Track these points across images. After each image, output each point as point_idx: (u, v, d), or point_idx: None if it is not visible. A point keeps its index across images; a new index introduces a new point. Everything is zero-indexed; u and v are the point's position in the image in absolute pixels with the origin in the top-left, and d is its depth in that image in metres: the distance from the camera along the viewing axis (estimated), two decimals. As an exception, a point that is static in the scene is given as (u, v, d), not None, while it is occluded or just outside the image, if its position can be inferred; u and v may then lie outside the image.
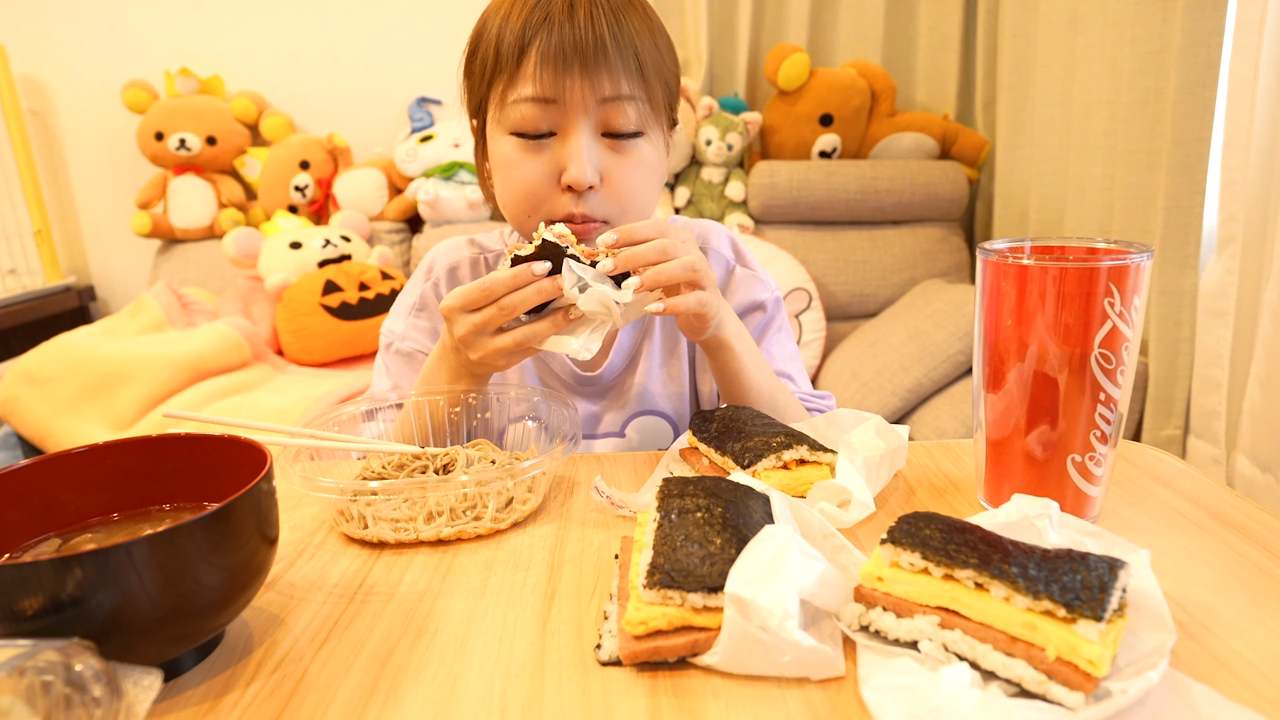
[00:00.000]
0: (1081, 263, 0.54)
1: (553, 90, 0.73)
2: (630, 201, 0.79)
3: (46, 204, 2.56)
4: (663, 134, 0.81)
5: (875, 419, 0.68)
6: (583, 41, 0.72)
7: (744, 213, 2.36)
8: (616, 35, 0.73)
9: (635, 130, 0.77)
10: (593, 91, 0.73)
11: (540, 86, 0.73)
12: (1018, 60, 2.18)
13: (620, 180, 0.77)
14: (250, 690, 0.44)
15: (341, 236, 2.30)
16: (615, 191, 0.77)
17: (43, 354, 1.87)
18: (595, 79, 0.73)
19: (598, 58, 0.73)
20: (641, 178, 0.79)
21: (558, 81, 0.73)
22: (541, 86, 0.73)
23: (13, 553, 0.49)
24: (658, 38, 0.78)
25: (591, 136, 0.76)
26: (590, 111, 0.74)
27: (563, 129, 0.75)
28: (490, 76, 0.77)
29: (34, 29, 2.47)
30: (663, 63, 0.78)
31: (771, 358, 0.91)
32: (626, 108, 0.75)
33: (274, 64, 2.53)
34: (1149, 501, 0.63)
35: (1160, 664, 0.40)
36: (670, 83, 0.80)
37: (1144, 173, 1.70)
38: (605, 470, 0.74)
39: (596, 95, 0.74)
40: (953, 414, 1.87)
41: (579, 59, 0.72)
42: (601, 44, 0.73)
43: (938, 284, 2.21)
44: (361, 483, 0.59)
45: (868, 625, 0.45)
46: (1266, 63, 1.45)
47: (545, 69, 0.73)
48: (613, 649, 0.45)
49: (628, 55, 0.74)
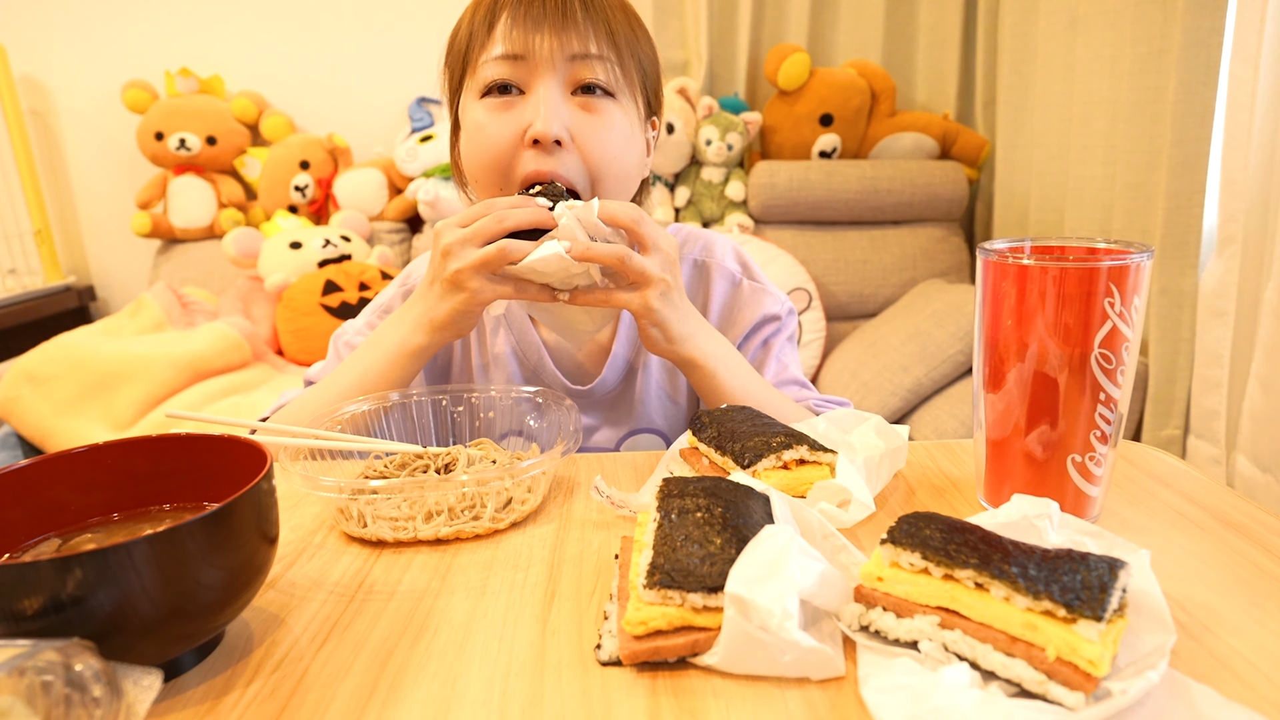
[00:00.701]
0: (1081, 263, 0.54)
1: (521, 47, 0.74)
2: (602, 164, 0.77)
3: (46, 204, 2.56)
4: (636, 108, 0.80)
5: (875, 419, 0.68)
6: (553, 4, 0.74)
7: (744, 213, 2.36)
8: (588, 4, 0.75)
9: (604, 88, 0.77)
10: (561, 48, 0.74)
11: (509, 44, 0.74)
12: (1018, 60, 2.18)
13: (590, 139, 0.76)
14: (250, 690, 0.44)
15: (341, 236, 2.30)
16: (585, 151, 0.76)
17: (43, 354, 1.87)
18: (564, 36, 0.74)
19: (566, 18, 0.74)
20: (613, 139, 0.78)
21: (527, 38, 0.74)
22: (510, 44, 0.74)
23: (13, 553, 0.49)
24: (635, 27, 0.79)
25: (559, 92, 0.76)
26: (558, 67, 0.75)
27: (531, 86, 0.76)
28: (464, 51, 0.78)
29: (34, 29, 2.47)
30: (638, 45, 0.79)
31: (784, 366, 0.90)
32: (595, 65, 0.76)
33: (274, 64, 2.53)
34: (1149, 501, 0.63)
35: (1160, 664, 0.40)
36: (645, 66, 0.81)
37: (1144, 173, 1.70)
38: (605, 470, 0.74)
39: (565, 52, 0.74)
40: (953, 414, 1.88)
41: (548, 19, 0.74)
42: (570, 8, 0.74)
43: (938, 284, 2.21)
44: (361, 481, 0.59)
45: (868, 625, 0.45)
46: (1266, 63, 1.45)
47: (515, 28, 0.74)
48: (613, 649, 0.45)
49: (598, 21, 0.75)
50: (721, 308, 0.92)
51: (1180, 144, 1.60)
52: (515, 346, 0.91)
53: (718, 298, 0.92)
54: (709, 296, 0.92)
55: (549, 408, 0.74)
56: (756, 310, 0.91)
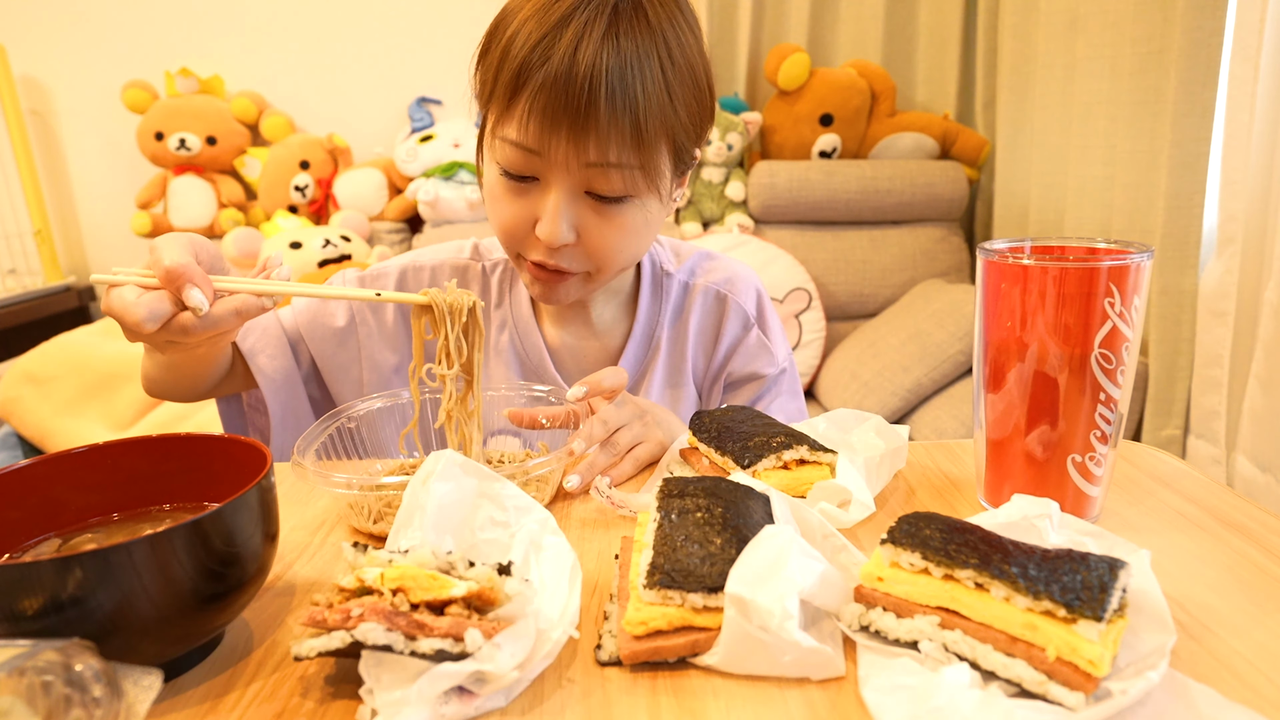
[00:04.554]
0: (1081, 263, 0.54)
1: (537, 144, 0.70)
2: (606, 260, 0.77)
3: (46, 204, 2.56)
4: (658, 196, 0.76)
5: (875, 419, 0.68)
6: (576, 97, 0.67)
7: (744, 213, 2.36)
8: (615, 93, 0.67)
9: (620, 196, 0.73)
10: (577, 155, 0.70)
11: (526, 136, 0.70)
12: (1018, 60, 2.18)
13: (597, 239, 0.75)
14: (250, 690, 0.44)
15: (341, 236, 2.30)
16: (591, 249, 0.76)
17: (43, 354, 1.87)
18: (581, 142, 0.69)
19: (588, 120, 0.68)
20: (621, 239, 0.76)
21: (543, 137, 0.69)
22: (527, 137, 0.70)
23: (13, 553, 0.49)
24: (676, 87, 0.71)
25: (571, 195, 0.73)
26: (573, 171, 0.71)
27: (545, 179, 0.73)
28: (489, 95, 0.73)
29: (34, 29, 2.47)
30: (675, 120, 0.72)
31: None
32: (612, 175, 0.71)
33: (274, 64, 2.53)
34: (1149, 501, 0.63)
35: (1160, 664, 0.40)
36: (683, 139, 0.75)
37: (1144, 173, 1.70)
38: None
39: (581, 159, 0.70)
40: (953, 414, 1.88)
41: (568, 118, 0.68)
42: (594, 104, 0.67)
43: (938, 284, 2.21)
44: (369, 478, 0.59)
45: (868, 625, 0.45)
46: (1266, 63, 1.45)
47: (533, 119, 0.69)
48: (613, 649, 0.45)
49: (623, 120, 0.68)
50: (729, 345, 0.94)
51: (1180, 144, 1.60)
52: (519, 345, 0.91)
53: (728, 334, 0.94)
54: (721, 330, 0.94)
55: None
56: (750, 363, 0.94)
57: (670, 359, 0.93)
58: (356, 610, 0.40)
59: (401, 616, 0.40)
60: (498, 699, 0.42)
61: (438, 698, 0.40)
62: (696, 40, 0.75)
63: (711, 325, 0.94)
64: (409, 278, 0.92)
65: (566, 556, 0.50)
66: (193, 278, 0.58)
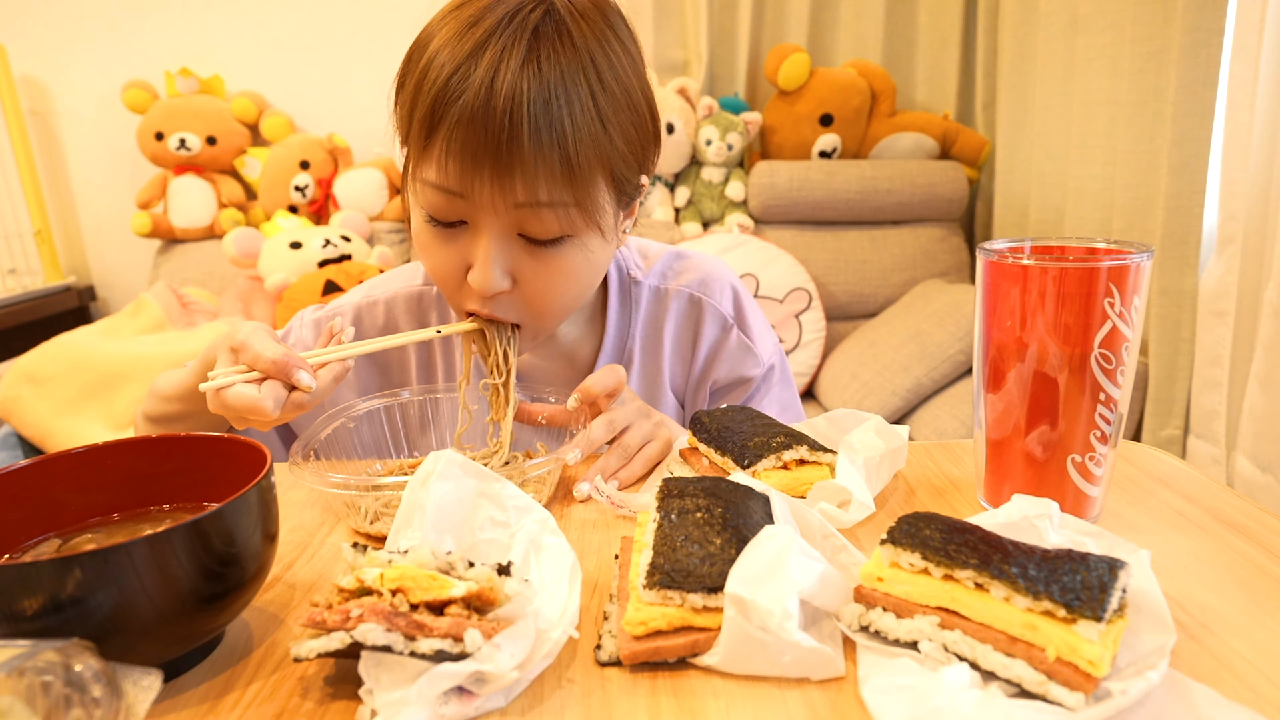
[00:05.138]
0: (1081, 263, 0.54)
1: (459, 185, 0.64)
2: (545, 306, 0.71)
3: (46, 204, 2.56)
4: (600, 233, 0.69)
5: (875, 419, 0.68)
6: (496, 132, 0.60)
7: (744, 213, 2.36)
8: (540, 125, 0.61)
9: (556, 236, 0.67)
10: (503, 196, 0.63)
11: (447, 178, 0.64)
12: (1018, 60, 2.18)
13: (534, 285, 0.69)
14: (250, 690, 0.44)
15: (342, 236, 2.30)
16: (529, 295, 0.70)
17: (43, 354, 1.87)
18: (506, 182, 0.62)
19: (511, 156, 0.61)
20: (561, 283, 0.70)
21: (465, 178, 0.63)
22: (448, 178, 0.64)
23: (13, 553, 0.49)
24: (610, 113, 0.65)
25: (502, 239, 0.67)
26: (501, 214, 0.65)
27: (474, 223, 0.67)
28: (406, 133, 0.67)
29: (34, 29, 2.47)
30: (610, 149, 0.65)
31: None
32: (545, 215, 0.65)
33: (274, 64, 2.53)
34: (1149, 501, 0.63)
35: (1160, 664, 0.40)
36: (623, 169, 0.68)
37: (1144, 173, 1.70)
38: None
39: (508, 200, 0.64)
40: (953, 414, 1.88)
41: (490, 156, 0.61)
42: (516, 139, 0.60)
43: (938, 284, 2.21)
44: (368, 478, 0.60)
45: (868, 625, 0.45)
46: (1266, 63, 1.45)
47: (452, 159, 0.62)
48: (613, 649, 0.45)
49: (551, 154, 0.62)
50: (708, 350, 0.90)
51: (1180, 144, 1.60)
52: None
53: (706, 339, 0.89)
54: (698, 335, 0.89)
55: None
56: (735, 368, 0.90)
57: (645, 371, 0.89)
58: (356, 611, 0.40)
59: (401, 617, 0.40)
60: (497, 699, 0.42)
61: (437, 698, 0.40)
62: (633, 59, 0.68)
63: (688, 332, 0.89)
64: (364, 314, 0.87)
65: (566, 556, 0.50)
66: (298, 363, 0.62)
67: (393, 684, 0.40)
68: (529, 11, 0.62)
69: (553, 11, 0.63)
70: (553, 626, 0.45)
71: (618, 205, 0.71)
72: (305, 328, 0.87)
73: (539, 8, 0.63)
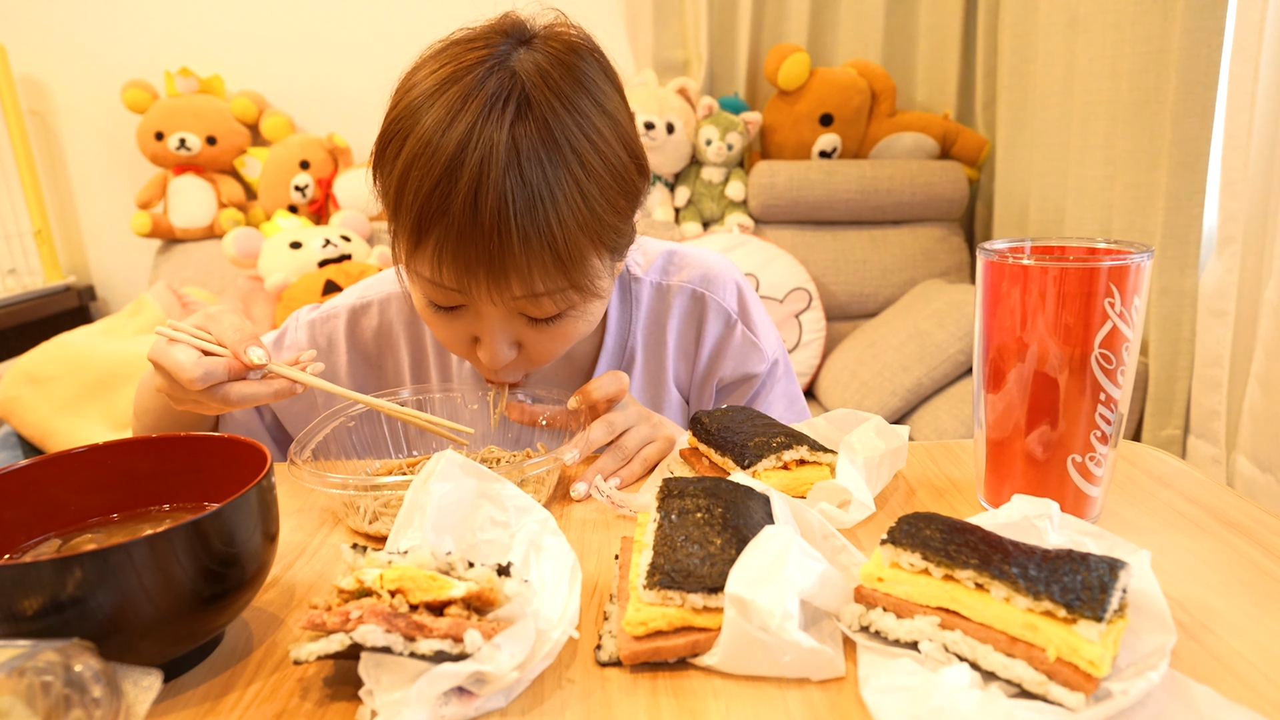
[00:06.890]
0: (1081, 263, 0.54)
1: (456, 284, 0.64)
2: (551, 358, 0.74)
3: (46, 204, 2.56)
4: (598, 296, 0.71)
5: (875, 419, 0.68)
6: (486, 243, 0.61)
7: (744, 213, 2.36)
8: (528, 231, 0.61)
9: (556, 315, 0.69)
10: (500, 293, 0.64)
11: (442, 278, 0.64)
12: (1018, 60, 2.18)
13: (539, 349, 0.72)
14: (250, 690, 0.44)
15: (342, 236, 2.30)
16: (534, 357, 0.73)
17: (43, 354, 1.87)
18: (501, 282, 0.63)
19: (505, 262, 0.62)
20: (565, 343, 0.73)
21: (461, 279, 0.64)
22: (443, 278, 0.64)
23: (13, 553, 0.49)
24: (596, 196, 0.64)
25: (505, 320, 0.69)
26: (500, 304, 0.66)
27: (474, 307, 0.69)
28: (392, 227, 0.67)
29: (34, 29, 2.47)
30: (600, 228, 0.65)
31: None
32: (543, 301, 0.66)
33: (274, 64, 2.53)
34: (1149, 502, 0.63)
35: (1161, 664, 0.40)
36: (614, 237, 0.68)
37: (1144, 173, 1.70)
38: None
39: (505, 295, 0.65)
40: (953, 414, 1.88)
41: (483, 264, 0.62)
42: (506, 247, 0.61)
43: (938, 284, 2.21)
44: (367, 478, 0.60)
45: (868, 626, 0.45)
46: (1266, 63, 1.45)
47: (445, 265, 0.63)
48: (613, 649, 0.45)
49: (542, 254, 0.62)
50: (712, 346, 0.89)
51: (1180, 144, 1.60)
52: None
53: (710, 336, 0.89)
54: (701, 332, 0.89)
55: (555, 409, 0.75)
56: (740, 365, 0.89)
57: (648, 368, 0.89)
58: (355, 612, 0.40)
59: (400, 618, 0.40)
60: (497, 699, 0.42)
61: (437, 698, 0.40)
62: (610, 116, 0.66)
63: (691, 328, 0.89)
64: (359, 316, 0.88)
65: (566, 557, 0.50)
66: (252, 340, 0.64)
67: (393, 684, 0.40)
68: (504, 104, 0.61)
69: (527, 98, 0.61)
70: (553, 627, 0.45)
71: (614, 260, 0.71)
72: (300, 329, 0.87)
73: (513, 97, 0.61)
